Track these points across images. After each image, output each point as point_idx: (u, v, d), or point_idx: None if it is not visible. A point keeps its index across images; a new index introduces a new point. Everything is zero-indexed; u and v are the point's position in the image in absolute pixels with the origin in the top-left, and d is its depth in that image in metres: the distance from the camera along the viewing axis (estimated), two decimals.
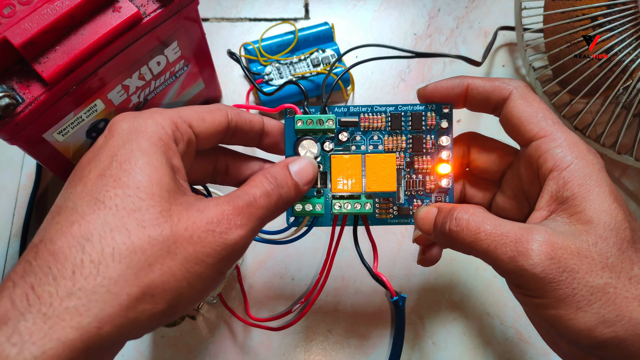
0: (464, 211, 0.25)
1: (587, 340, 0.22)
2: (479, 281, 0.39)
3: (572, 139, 0.25)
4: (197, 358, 0.36)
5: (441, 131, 0.30)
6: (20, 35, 0.26)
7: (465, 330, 0.38)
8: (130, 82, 0.32)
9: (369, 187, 0.29)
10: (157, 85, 0.35)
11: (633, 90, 0.37)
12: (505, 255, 0.23)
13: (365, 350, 0.37)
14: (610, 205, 0.23)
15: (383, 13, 0.49)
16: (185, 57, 0.35)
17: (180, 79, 0.37)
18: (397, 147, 0.30)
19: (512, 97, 0.27)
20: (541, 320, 0.24)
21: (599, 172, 0.24)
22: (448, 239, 0.25)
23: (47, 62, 0.27)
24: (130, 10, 0.28)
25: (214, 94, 0.43)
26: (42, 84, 0.27)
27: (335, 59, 0.43)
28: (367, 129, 0.30)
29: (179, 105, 0.39)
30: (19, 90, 0.27)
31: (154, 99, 0.36)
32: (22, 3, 0.27)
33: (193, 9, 0.32)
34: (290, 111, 0.29)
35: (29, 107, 0.27)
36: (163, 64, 0.34)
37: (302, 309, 0.33)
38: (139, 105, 0.35)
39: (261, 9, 0.48)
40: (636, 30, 0.36)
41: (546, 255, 0.22)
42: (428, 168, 0.30)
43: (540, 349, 0.37)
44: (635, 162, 0.40)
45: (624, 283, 0.22)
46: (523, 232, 0.23)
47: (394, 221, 0.30)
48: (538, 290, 0.22)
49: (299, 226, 0.30)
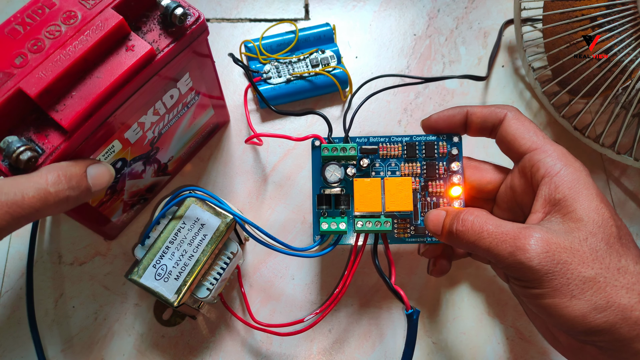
0: (469, 213, 0.28)
1: (581, 327, 0.24)
2: (479, 281, 0.39)
3: (561, 150, 0.28)
4: (197, 358, 0.36)
5: (452, 158, 0.33)
6: (35, 85, 0.25)
7: (465, 330, 0.38)
8: (146, 119, 0.31)
9: (388, 207, 0.31)
10: (171, 118, 0.34)
11: (632, 90, 0.37)
12: (505, 251, 0.25)
13: (366, 350, 0.37)
14: (597, 205, 0.26)
15: (383, 14, 0.49)
16: (196, 88, 0.35)
17: (192, 109, 0.36)
18: (413, 173, 0.33)
19: (507, 119, 0.30)
20: (539, 311, 0.26)
21: (586, 177, 0.27)
22: (455, 238, 0.28)
23: (64, 110, 0.25)
24: (144, 48, 0.27)
25: (223, 119, 0.43)
26: (61, 132, 0.26)
27: (335, 61, 0.44)
28: (386, 156, 0.33)
29: (190, 135, 0.38)
30: (37, 141, 0.26)
31: (167, 132, 0.35)
32: (33, 51, 0.26)
33: (203, 40, 0.31)
34: (316, 141, 0.33)
35: (49, 157, 0.25)
36: (176, 97, 0.33)
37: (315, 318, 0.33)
38: (154, 140, 0.34)
39: (261, 9, 0.48)
40: (635, 31, 0.36)
41: (542, 249, 0.24)
42: (441, 191, 0.33)
43: (540, 348, 0.37)
44: (634, 162, 0.40)
45: (613, 273, 0.24)
46: (521, 230, 0.25)
47: (411, 240, 0.33)
48: (535, 282, 0.25)
49: (323, 243, 0.33)
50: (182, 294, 0.30)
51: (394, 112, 0.45)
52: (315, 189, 0.33)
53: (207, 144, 0.43)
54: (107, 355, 0.36)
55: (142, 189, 0.37)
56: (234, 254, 0.33)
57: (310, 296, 0.38)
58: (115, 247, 0.39)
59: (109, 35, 0.27)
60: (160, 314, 0.37)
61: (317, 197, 0.33)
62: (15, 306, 0.37)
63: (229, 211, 0.32)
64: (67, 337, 0.36)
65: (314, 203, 0.33)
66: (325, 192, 0.32)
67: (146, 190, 0.38)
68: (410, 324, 0.30)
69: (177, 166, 0.41)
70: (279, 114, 0.38)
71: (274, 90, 0.42)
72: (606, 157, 0.44)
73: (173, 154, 0.38)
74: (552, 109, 0.43)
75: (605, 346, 0.24)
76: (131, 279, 0.31)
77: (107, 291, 0.38)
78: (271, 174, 0.42)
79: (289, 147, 0.42)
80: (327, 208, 0.33)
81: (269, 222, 0.40)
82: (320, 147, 0.32)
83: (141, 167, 0.35)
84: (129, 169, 0.34)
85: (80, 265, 0.38)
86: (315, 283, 0.39)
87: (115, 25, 0.27)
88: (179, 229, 0.32)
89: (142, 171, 0.36)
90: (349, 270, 0.33)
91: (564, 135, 0.44)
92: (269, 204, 0.41)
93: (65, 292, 0.37)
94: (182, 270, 0.31)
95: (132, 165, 0.34)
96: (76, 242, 0.39)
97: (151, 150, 0.35)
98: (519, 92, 0.46)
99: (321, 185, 0.33)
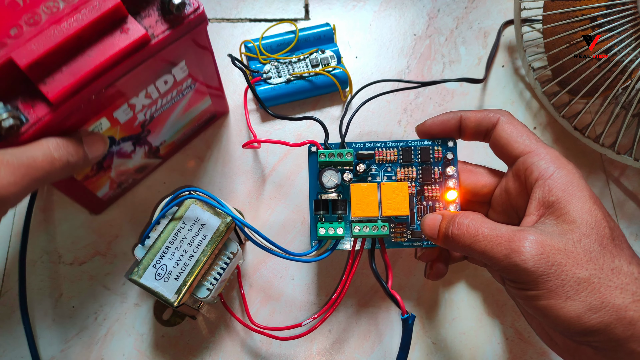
0: (465, 217, 0.28)
1: (577, 327, 0.24)
2: (478, 281, 0.39)
3: (554, 153, 0.28)
4: (197, 358, 0.36)
5: (447, 162, 0.33)
6: (26, 56, 0.25)
7: (464, 330, 0.38)
8: (137, 101, 0.32)
9: (384, 212, 0.31)
10: (164, 103, 0.35)
11: (632, 91, 0.37)
12: (500, 253, 0.25)
13: (365, 351, 0.37)
14: (590, 207, 0.26)
15: (383, 14, 0.49)
16: (193, 76, 0.35)
17: (187, 96, 0.36)
18: (409, 178, 0.33)
19: (500, 122, 0.31)
20: (535, 312, 0.26)
21: (579, 179, 0.27)
22: (451, 242, 0.28)
23: (52, 83, 0.26)
24: (138, 32, 0.27)
25: (222, 109, 0.43)
26: (47, 104, 0.26)
27: (335, 61, 0.44)
28: (382, 161, 0.33)
29: (184, 122, 0.39)
30: (23, 110, 0.26)
31: (160, 116, 0.35)
32: (29, 25, 0.26)
33: (202, 30, 0.31)
34: (313, 147, 0.33)
35: (32, 127, 0.26)
36: (170, 83, 0.33)
37: (313, 323, 0.34)
38: (145, 123, 0.34)
39: (261, 9, 0.48)
40: (635, 31, 0.36)
41: (536, 251, 0.24)
42: (437, 195, 0.33)
43: (539, 348, 0.37)
44: (634, 162, 0.40)
45: (607, 274, 0.24)
46: (516, 233, 0.26)
47: (408, 244, 0.33)
48: (531, 283, 0.25)
49: (321, 248, 0.33)
50: (182, 294, 0.30)
51: (394, 113, 0.45)
52: (312, 195, 0.33)
53: (204, 133, 0.43)
54: (107, 355, 0.36)
55: (130, 169, 0.38)
56: (233, 254, 0.33)
57: (310, 296, 0.38)
58: (115, 247, 0.39)
59: (104, 17, 0.27)
60: (160, 314, 0.37)
61: (315, 202, 0.33)
62: (15, 306, 0.37)
63: (229, 214, 0.32)
64: (67, 337, 0.36)
65: (311, 208, 0.33)
66: (322, 197, 0.33)
67: (135, 171, 0.38)
68: (405, 328, 0.30)
69: (170, 150, 0.41)
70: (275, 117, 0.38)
71: (274, 91, 0.42)
72: (606, 157, 0.44)
73: (166, 138, 0.39)
74: (552, 109, 0.43)
75: (600, 346, 0.25)
76: (131, 279, 0.31)
77: (107, 291, 0.38)
78: (271, 174, 0.42)
79: (289, 148, 0.42)
80: (325, 213, 0.33)
81: (268, 222, 0.40)
82: (317, 153, 0.32)
83: (130, 148, 0.35)
84: (117, 148, 0.34)
85: (80, 265, 0.38)
86: (315, 283, 0.39)
87: (111, 8, 0.27)
88: (179, 229, 0.32)
89: (132, 151, 0.36)
90: (346, 275, 0.33)
91: (564, 135, 0.44)
92: (269, 204, 0.41)
93: (65, 292, 0.37)
94: (182, 271, 0.31)
95: (120, 144, 0.34)
96: (76, 241, 0.39)
97: (142, 132, 0.35)
98: (519, 92, 0.46)
99: (318, 191, 0.33)
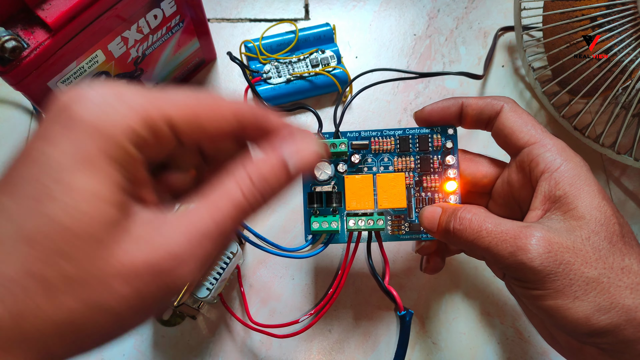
0: (467, 211, 0.26)
1: (584, 329, 0.23)
2: (478, 281, 0.39)
3: (560, 144, 0.27)
4: (197, 358, 0.36)
5: (447, 151, 0.32)
6: None
7: (465, 330, 0.38)
8: (129, 35, 0.33)
9: (380, 205, 0.30)
10: (155, 40, 0.36)
11: (632, 91, 0.37)
12: (505, 250, 0.24)
13: (365, 350, 0.37)
14: (599, 203, 0.25)
15: (383, 14, 0.49)
16: (181, 13, 0.36)
17: (176, 35, 0.38)
18: (406, 168, 0.32)
19: (504, 111, 0.29)
20: (540, 312, 0.25)
21: (587, 172, 0.26)
22: (452, 237, 0.27)
23: (50, 9, 0.27)
24: None
25: (209, 55, 0.44)
26: (46, 30, 0.28)
27: (335, 61, 0.44)
28: (378, 151, 0.31)
29: (175, 63, 0.40)
30: (23, 36, 0.28)
31: (152, 54, 0.37)
32: None
33: None
34: None
35: (34, 52, 0.27)
36: (160, 18, 0.35)
37: (310, 320, 0.33)
38: (138, 60, 0.36)
39: (261, 9, 0.48)
40: (635, 31, 0.36)
41: (543, 249, 0.23)
42: (436, 186, 0.32)
43: (540, 348, 0.37)
44: (634, 162, 0.40)
45: (617, 273, 0.23)
46: (521, 229, 0.24)
47: (406, 237, 0.32)
48: (537, 282, 0.24)
49: (315, 243, 0.32)
50: (181, 293, 0.30)
51: (394, 112, 0.45)
52: (305, 187, 0.32)
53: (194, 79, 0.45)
54: (107, 355, 0.36)
55: None
56: (233, 254, 0.33)
57: (310, 296, 0.38)
58: None
59: None
60: (160, 314, 0.37)
61: (308, 195, 0.31)
62: None
63: None
64: None
65: (304, 201, 0.32)
66: (316, 189, 0.31)
67: None
68: (403, 325, 0.29)
69: None
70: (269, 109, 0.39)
71: (274, 91, 0.42)
72: (606, 157, 0.44)
73: (158, 80, 0.40)
74: (552, 109, 0.43)
75: (608, 348, 0.24)
76: None
77: None
78: None
79: None
80: (319, 206, 0.31)
81: (268, 222, 0.40)
82: None
83: None
84: None
85: None
86: (315, 283, 0.39)
87: None
88: None
89: None
90: (342, 270, 0.32)
91: (564, 135, 0.44)
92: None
93: None
94: None
95: None
96: None
97: (135, 71, 0.36)
98: (519, 92, 0.46)
99: (312, 183, 0.31)
